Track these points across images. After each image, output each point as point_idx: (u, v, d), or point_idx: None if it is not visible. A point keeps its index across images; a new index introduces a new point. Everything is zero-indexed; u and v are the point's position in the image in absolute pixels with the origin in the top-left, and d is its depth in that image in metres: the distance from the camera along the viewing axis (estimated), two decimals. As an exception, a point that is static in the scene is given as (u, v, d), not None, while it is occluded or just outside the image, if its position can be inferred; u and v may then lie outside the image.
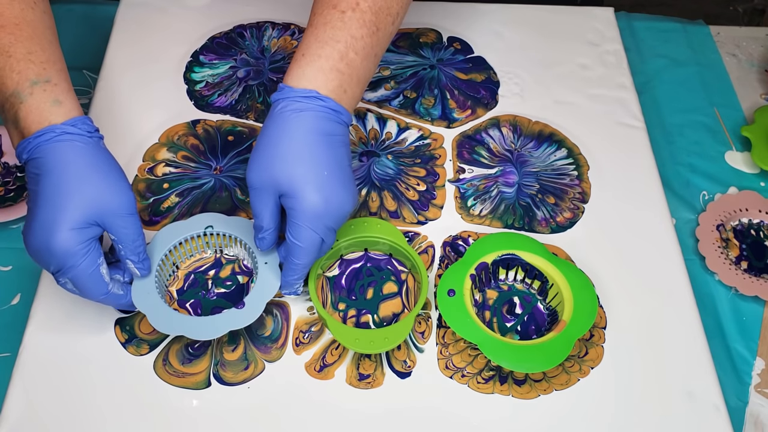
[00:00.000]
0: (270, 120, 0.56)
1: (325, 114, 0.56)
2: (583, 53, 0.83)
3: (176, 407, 0.57)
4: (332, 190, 0.55)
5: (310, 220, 0.55)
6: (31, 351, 0.59)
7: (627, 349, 0.61)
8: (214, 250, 0.65)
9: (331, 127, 0.56)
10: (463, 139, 0.74)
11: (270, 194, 0.56)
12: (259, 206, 0.57)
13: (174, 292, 0.62)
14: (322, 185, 0.55)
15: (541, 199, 0.70)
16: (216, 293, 0.62)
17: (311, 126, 0.55)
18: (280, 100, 0.56)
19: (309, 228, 0.55)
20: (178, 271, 0.63)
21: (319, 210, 0.55)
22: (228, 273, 0.64)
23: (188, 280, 0.63)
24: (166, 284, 0.62)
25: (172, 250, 0.62)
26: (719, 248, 0.69)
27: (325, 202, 0.55)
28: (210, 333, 0.57)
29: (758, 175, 0.77)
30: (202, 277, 0.63)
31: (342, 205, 0.56)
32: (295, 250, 0.56)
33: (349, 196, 0.56)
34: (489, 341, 0.57)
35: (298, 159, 0.55)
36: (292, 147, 0.55)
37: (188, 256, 0.64)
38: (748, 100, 0.84)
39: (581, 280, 0.61)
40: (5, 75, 0.55)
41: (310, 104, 0.55)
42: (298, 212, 0.55)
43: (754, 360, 0.64)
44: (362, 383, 0.58)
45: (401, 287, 0.63)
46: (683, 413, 0.58)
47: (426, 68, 0.80)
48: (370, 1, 0.58)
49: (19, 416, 0.55)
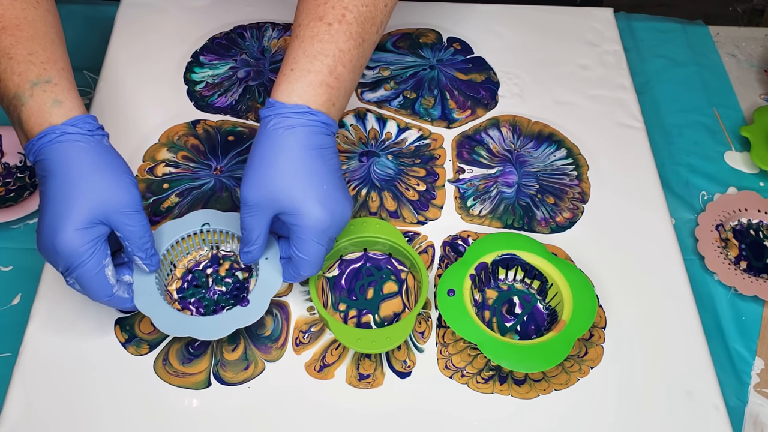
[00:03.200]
0: (262, 136, 0.56)
1: (317, 128, 0.56)
2: (582, 53, 0.83)
3: (176, 407, 0.57)
4: (334, 203, 0.56)
5: (316, 234, 0.55)
6: (31, 351, 0.59)
7: (626, 349, 0.61)
8: (210, 247, 0.64)
9: (323, 140, 0.56)
10: (462, 140, 0.74)
11: (265, 211, 0.56)
12: (252, 222, 0.57)
13: (174, 292, 0.62)
14: (324, 199, 0.55)
15: (540, 199, 0.70)
16: (217, 291, 0.62)
17: (305, 142, 0.55)
18: (271, 117, 0.56)
19: (315, 242, 0.56)
20: (175, 270, 0.63)
21: (325, 224, 0.55)
22: (226, 269, 0.63)
23: (187, 279, 0.63)
24: (165, 284, 0.62)
25: (170, 249, 0.62)
26: (718, 248, 0.70)
27: (330, 216, 0.55)
28: (217, 332, 0.57)
29: (757, 175, 0.77)
30: (201, 275, 0.63)
31: (344, 215, 0.57)
32: (302, 264, 0.57)
33: (348, 205, 0.57)
34: (489, 341, 0.57)
35: (296, 176, 0.55)
36: (290, 164, 0.55)
37: (185, 254, 0.63)
38: (748, 100, 0.84)
39: (581, 280, 0.61)
40: (7, 78, 0.55)
41: (302, 120, 0.55)
42: (304, 228, 0.55)
43: (754, 360, 0.65)
44: (362, 383, 0.58)
45: (401, 286, 0.64)
46: (683, 413, 0.58)
47: (426, 69, 0.80)
48: (355, 11, 0.58)
49: (19, 416, 0.56)
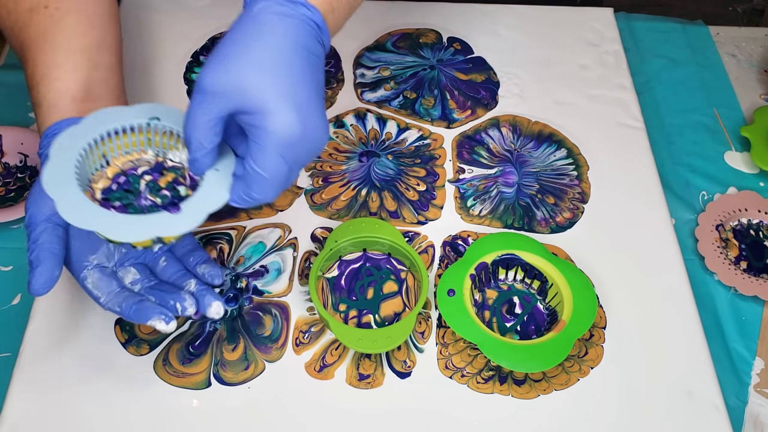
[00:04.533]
0: (244, 20, 0.47)
1: (311, 27, 0.47)
2: (582, 53, 0.83)
3: (176, 407, 0.57)
4: (313, 115, 0.46)
5: (281, 145, 0.46)
6: (31, 351, 0.59)
7: (627, 349, 0.61)
8: (156, 152, 0.54)
9: (313, 45, 0.47)
10: (462, 140, 0.74)
11: (224, 103, 0.45)
12: (203, 116, 0.46)
13: (98, 190, 0.52)
14: (301, 105, 0.46)
15: (540, 199, 0.70)
16: (150, 201, 0.52)
17: (294, 36, 0.46)
18: (258, 0, 0.47)
19: (278, 155, 0.46)
20: (107, 168, 0.53)
21: (295, 134, 0.45)
22: (168, 182, 0.53)
23: (118, 181, 0.53)
24: (89, 178, 0.52)
25: (105, 138, 0.51)
26: (719, 248, 0.70)
27: (302, 125, 0.46)
28: (130, 234, 0.47)
29: (757, 175, 0.77)
30: (136, 179, 0.53)
31: (320, 135, 0.47)
32: (256, 181, 0.47)
33: (326, 128, 0.48)
34: (489, 341, 0.57)
35: (274, 69, 0.45)
36: (270, 54, 0.45)
37: (123, 152, 0.53)
38: (748, 100, 0.84)
39: (581, 280, 0.61)
40: None
41: (295, 11, 0.47)
42: (267, 133, 0.45)
43: (754, 360, 0.65)
44: (362, 383, 0.58)
45: (401, 286, 0.64)
46: (683, 413, 0.58)
47: (426, 69, 0.80)
48: None
49: (19, 416, 0.56)
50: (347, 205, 0.69)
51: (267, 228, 0.67)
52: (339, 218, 0.68)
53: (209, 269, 0.58)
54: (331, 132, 0.74)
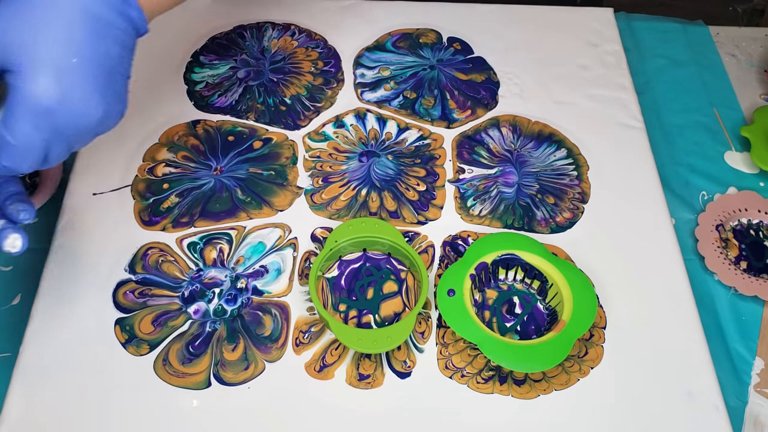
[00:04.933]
0: None
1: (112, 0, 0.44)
2: (582, 53, 0.83)
3: (176, 407, 0.57)
4: (77, 85, 0.43)
5: (32, 111, 0.42)
6: (31, 351, 0.59)
7: (626, 349, 0.61)
8: None
9: (108, 14, 0.44)
10: (462, 140, 0.74)
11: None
12: None
13: None
14: (65, 72, 0.42)
15: (540, 199, 0.70)
16: None
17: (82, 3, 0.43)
18: None
19: (29, 121, 0.42)
20: None
21: (49, 102, 0.42)
22: None
23: None
24: None
25: None
26: (719, 248, 0.70)
27: (61, 96, 0.42)
28: None
29: (757, 176, 0.77)
30: None
31: (85, 109, 0.44)
32: (3, 147, 0.43)
33: (99, 105, 0.44)
34: (489, 341, 0.57)
35: (45, 30, 0.42)
36: (44, 9, 0.43)
37: None
38: (748, 100, 0.84)
39: (581, 280, 0.61)
40: None
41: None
42: (21, 96, 0.42)
43: (754, 360, 0.65)
44: (362, 383, 0.58)
45: (401, 286, 0.64)
46: (683, 413, 0.58)
47: (426, 68, 0.80)
48: None
49: (19, 416, 0.56)
50: (347, 205, 0.69)
51: (267, 228, 0.67)
52: (339, 218, 0.68)
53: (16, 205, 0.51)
54: (331, 132, 0.74)
